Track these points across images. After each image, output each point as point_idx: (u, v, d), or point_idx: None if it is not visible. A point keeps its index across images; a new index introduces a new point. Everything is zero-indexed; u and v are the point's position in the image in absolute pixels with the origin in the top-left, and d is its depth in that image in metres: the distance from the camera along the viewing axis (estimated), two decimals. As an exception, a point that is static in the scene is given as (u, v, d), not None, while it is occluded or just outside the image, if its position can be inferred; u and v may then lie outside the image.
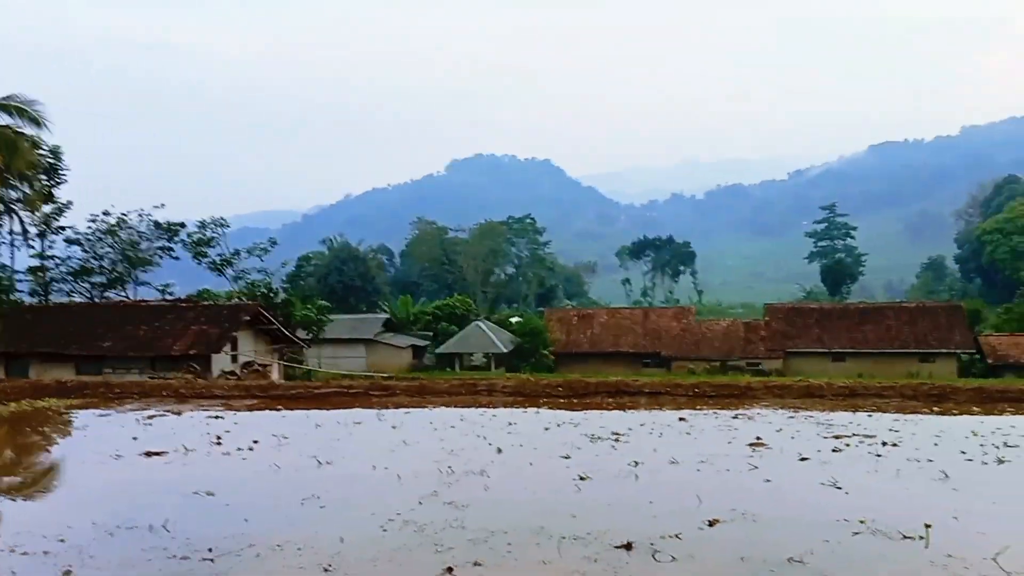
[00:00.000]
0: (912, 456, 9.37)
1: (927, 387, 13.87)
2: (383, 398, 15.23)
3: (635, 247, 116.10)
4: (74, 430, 13.03)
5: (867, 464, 9.12)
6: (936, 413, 12.77)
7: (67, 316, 39.20)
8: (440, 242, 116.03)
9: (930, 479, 8.29)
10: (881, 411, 12.92)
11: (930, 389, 13.77)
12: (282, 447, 10.68)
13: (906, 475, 8.48)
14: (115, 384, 17.01)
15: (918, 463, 9.01)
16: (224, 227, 51.63)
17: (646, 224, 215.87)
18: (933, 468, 8.65)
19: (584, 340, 58.96)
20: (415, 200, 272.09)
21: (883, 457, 9.41)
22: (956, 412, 12.86)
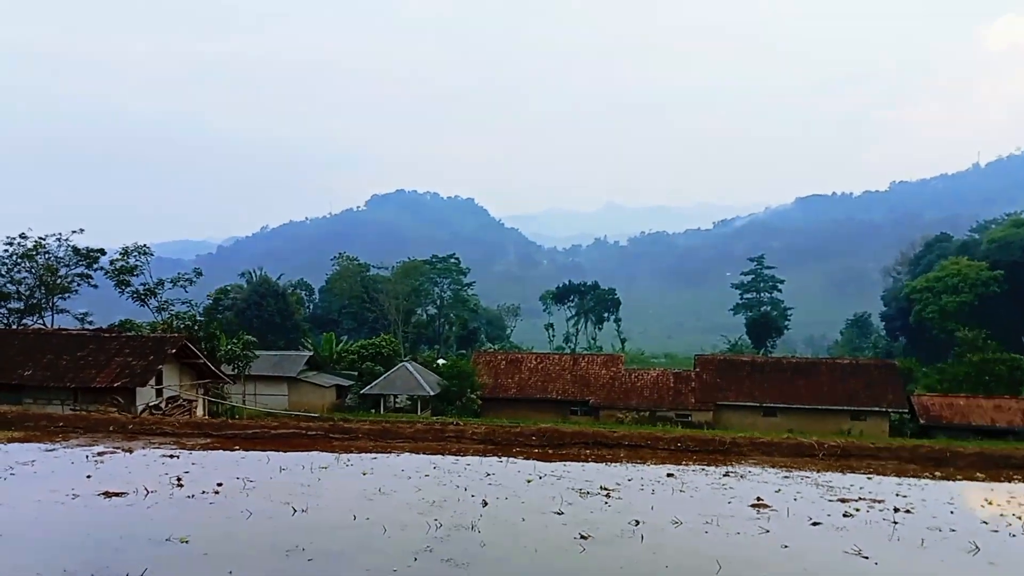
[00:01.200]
0: (931, 524, 9.23)
1: (924, 449, 13.93)
2: (344, 441, 14.49)
3: (559, 291, 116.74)
4: (20, 466, 12.03)
5: (884, 531, 8.97)
6: (939, 478, 12.56)
7: (-19, 343, 37.02)
8: (361, 279, 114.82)
9: (960, 550, 8.23)
10: (879, 474, 12.63)
11: (928, 452, 13.85)
12: (249, 491, 10.03)
13: (932, 545, 8.39)
14: (58, 417, 15.86)
15: (940, 532, 8.89)
16: (148, 255, 49.93)
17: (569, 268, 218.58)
18: (959, 539, 8.54)
19: (512, 385, 58.66)
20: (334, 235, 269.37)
21: (901, 524, 9.20)
22: (960, 477, 12.66)
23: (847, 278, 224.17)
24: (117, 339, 37.99)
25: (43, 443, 13.71)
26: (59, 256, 49.69)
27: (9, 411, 16.58)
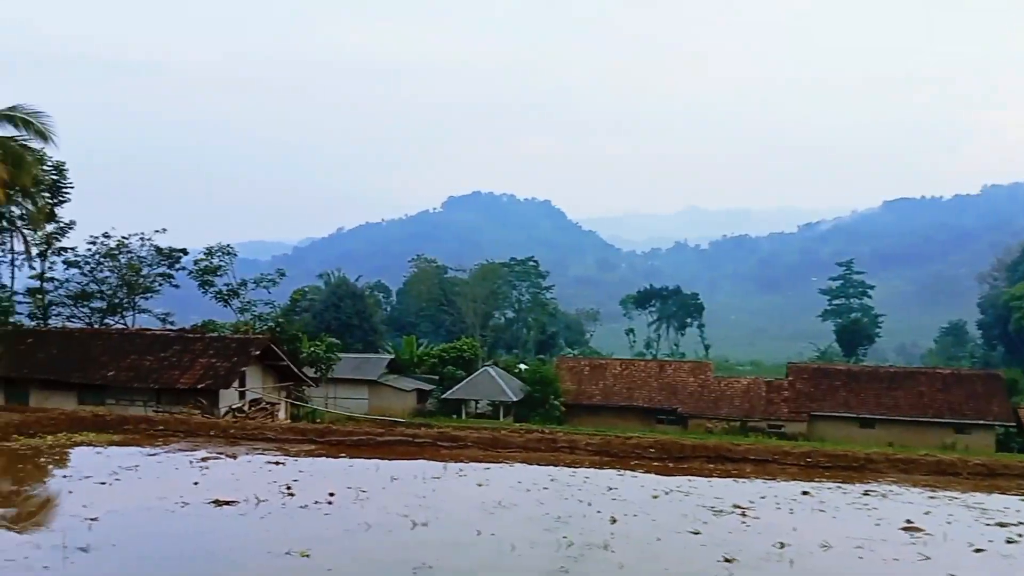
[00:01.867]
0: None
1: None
2: (453, 450, 13.89)
3: (640, 296, 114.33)
4: (124, 471, 11.36)
5: (1060, 561, 7.97)
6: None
7: (68, 342, 37.07)
8: (439, 282, 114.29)
9: None
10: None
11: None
12: (363, 502, 9.99)
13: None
14: (157, 420, 15.25)
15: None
16: (231, 255, 49.62)
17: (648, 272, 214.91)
18: None
19: (596, 391, 56.86)
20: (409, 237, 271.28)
21: (1079, 556, 8.24)
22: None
23: (938, 285, 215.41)
24: (201, 340, 37.49)
25: (144, 447, 13.63)
26: (141, 256, 49.78)
27: (108, 413, 16.17)
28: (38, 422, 14.16)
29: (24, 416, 14.64)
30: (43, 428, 13.92)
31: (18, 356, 35.27)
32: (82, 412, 15.98)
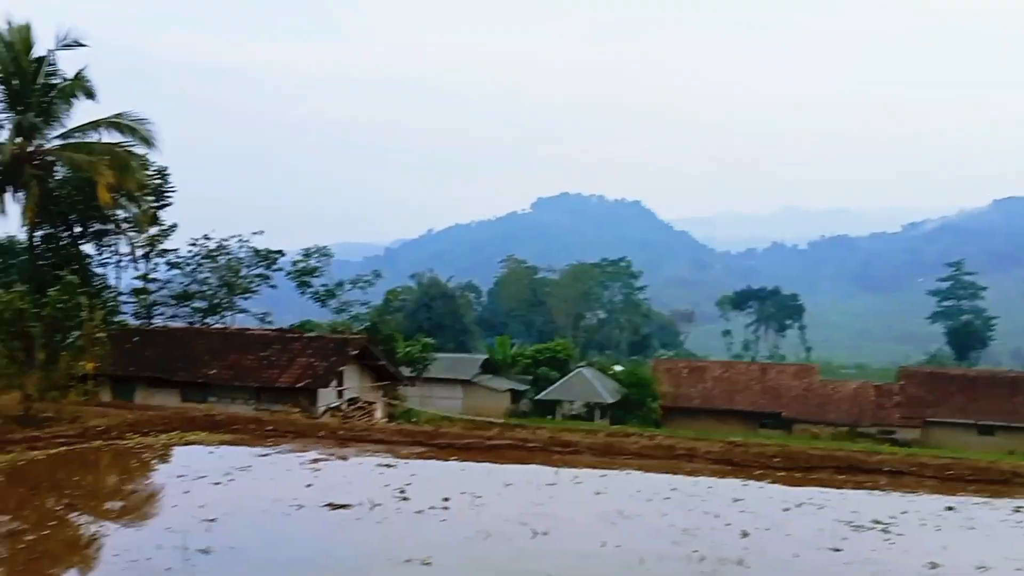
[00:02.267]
0: None
1: None
2: (565, 455, 13.18)
3: (737, 297, 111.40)
4: (236, 471, 11.03)
5: None
6: None
7: (172, 341, 37.80)
8: (529, 282, 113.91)
9: None
10: None
11: None
12: (479, 508, 9.55)
13: None
14: (267, 421, 14.98)
15: None
16: (328, 256, 50.03)
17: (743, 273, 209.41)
18: None
19: (695, 394, 55.26)
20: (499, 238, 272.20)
21: None
22: None
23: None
24: (300, 340, 37.73)
25: (254, 447, 13.24)
26: (240, 257, 50.74)
27: (219, 413, 16.07)
28: (151, 421, 14.01)
29: (138, 415, 14.52)
30: (156, 427, 13.76)
31: (125, 354, 36.09)
32: (193, 411, 15.87)
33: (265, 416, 15.34)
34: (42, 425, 13.60)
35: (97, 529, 8.45)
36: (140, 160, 36.47)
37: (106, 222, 38.92)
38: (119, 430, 13.31)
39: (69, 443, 12.54)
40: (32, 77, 33.52)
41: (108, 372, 33.78)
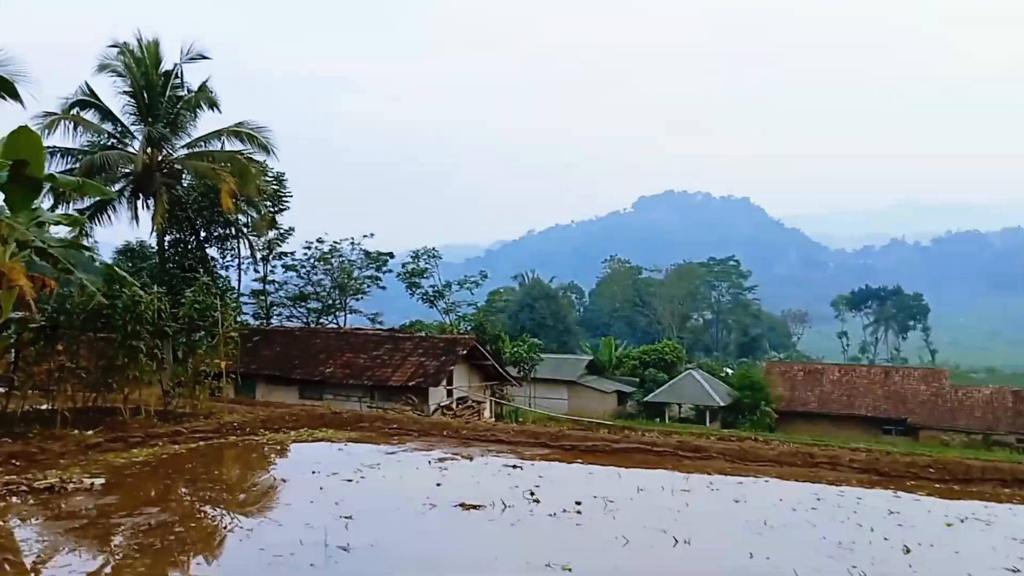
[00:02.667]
0: None
1: None
2: (697, 461, 12.76)
3: (854, 297, 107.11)
4: (367, 468, 11.18)
5: None
6: None
7: (289, 340, 38.99)
8: (633, 282, 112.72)
9: None
10: None
11: None
12: (613, 513, 9.27)
13: None
14: (391, 419, 15.21)
15: None
16: (436, 258, 50.69)
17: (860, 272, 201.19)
18: None
19: (812, 398, 53.46)
20: (600, 238, 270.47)
21: None
22: None
23: None
24: (411, 339, 38.41)
25: (380, 444, 13.44)
26: (351, 259, 51.97)
27: (344, 411, 16.50)
28: (281, 418, 14.42)
29: (269, 412, 14.97)
30: (286, 423, 14.14)
31: (246, 353, 37.42)
32: (320, 408, 16.27)
33: (389, 414, 15.56)
34: (181, 420, 14.18)
35: (239, 523, 8.64)
36: (259, 167, 37.77)
37: (228, 227, 40.46)
38: (252, 426, 13.74)
39: (207, 438, 13.01)
40: (160, 90, 35.17)
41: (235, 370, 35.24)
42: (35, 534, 8.37)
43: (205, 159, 35.23)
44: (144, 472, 11.18)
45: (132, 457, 11.81)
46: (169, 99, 35.37)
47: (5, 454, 11.23)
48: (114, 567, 7.39)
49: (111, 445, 12.09)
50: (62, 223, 15.19)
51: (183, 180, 37.41)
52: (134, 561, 7.47)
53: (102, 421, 13.92)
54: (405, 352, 36.89)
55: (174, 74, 35.72)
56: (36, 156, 12.76)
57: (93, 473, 10.55)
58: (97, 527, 8.47)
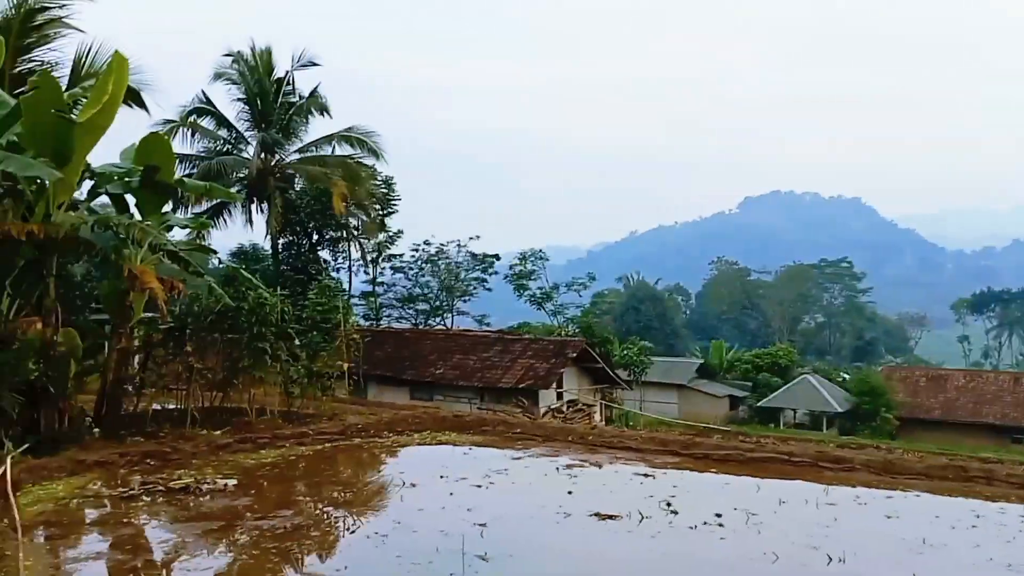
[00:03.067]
0: None
1: None
2: (839, 472, 11.83)
3: (976, 299, 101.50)
4: (495, 474, 10.87)
5: None
6: None
7: (400, 341, 39.33)
8: (741, 284, 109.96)
9: None
10: None
11: None
12: (757, 527, 8.70)
13: None
14: (514, 423, 14.90)
15: None
16: (544, 260, 50.35)
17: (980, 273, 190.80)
18: None
19: (935, 405, 50.61)
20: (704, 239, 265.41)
21: None
22: None
23: None
24: (520, 341, 38.16)
25: (504, 449, 13.06)
26: (458, 261, 52.18)
27: (467, 414, 16.19)
28: (404, 420, 14.28)
29: (392, 414, 14.87)
30: (409, 426, 13.99)
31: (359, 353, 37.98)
32: (442, 411, 16.07)
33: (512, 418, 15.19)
34: (304, 421, 14.21)
35: (373, 528, 8.43)
36: (369, 171, 38.28)
37: (340, 230, 41.15)
38: (375, 428, 13.62)
39: (332, 440, 12.95)
40: (273, 97, 36.00)
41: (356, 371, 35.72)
42: (173, 535, 8.36)
43: (316, 164, 35.85)
44: (274, 474, 11.18)
45: (261, 458, 11.85)
46: (281, 105, 36.18)
47: (140, 453, 11.42)
48: (254, 572, 7.27)
49: (240, 446, 12.17)
50: (190, 227, 15.54)
51: (295, 184, 38.19)
52: (273, 565, 7.37)
53: (229, 421, 14.10)
54: (514, 354, 36.65)
55: (286, 81, 36.50)
56: (166, 162, 13.00)
57: (225, 474, 10.60)
58: (233, 529, 8.42)
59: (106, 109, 11.71)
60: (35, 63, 15.10)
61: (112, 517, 9.02)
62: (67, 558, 7.70)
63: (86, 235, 12.46)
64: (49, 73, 10.62)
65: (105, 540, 8.43)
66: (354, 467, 12.20)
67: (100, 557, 7.80)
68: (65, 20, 15.03)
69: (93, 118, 11.60)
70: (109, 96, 11.62)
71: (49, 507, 9.31)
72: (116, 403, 13.78)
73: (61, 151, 11.41)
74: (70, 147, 11.55)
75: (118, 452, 11.36)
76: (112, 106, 11.83)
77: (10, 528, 7.91)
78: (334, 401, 17.16)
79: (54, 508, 9.29)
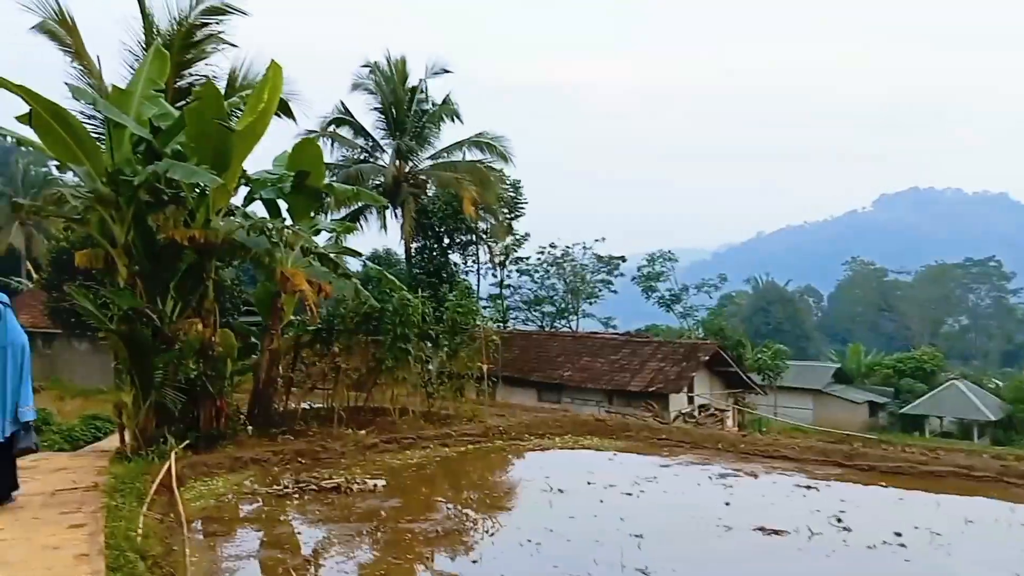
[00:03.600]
0: None
1: None
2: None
3: None
4: (644, 481, 10.58)
5: None
6: None
7: (527, 343, 39.46)
8: (878, 285, 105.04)
9: None
10: None
11: None
12: (943, 548, 8.00)
13: None
14: (658, 428, 14.55)
15: None
16: (673, 261, 49.44)
17: None
18: None
19: (1102, 415, 46.74)
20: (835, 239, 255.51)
21: None
22: None
23: None
24: (649, 344, 37.62)
25: (650, 455, 12.70)
26: (584, 263, 51.89)
27: (609, 419, 15.82)
28: (544, 423, 14.16)
29: (532, 417, 14.79)
30: (550, 429, 13.85)
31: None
32: (583, 416, 15.77)
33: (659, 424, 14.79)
34: (445, 422, 14.31)
35: (526, 536, 8.28)
36: (498, 175, 38.59)
37: (469, 233, 41.65)
38: (516, 431, 13.56)
39: (475, 442, 12.96)
40: (407, 105, 36.84)
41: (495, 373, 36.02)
42: (330, 535, 8.46)
43: (448, 169, 36.38)
44: (420, 475, 11.25)
45: (406, 459, 11.97)
46: (415, 113, 36.95)
47: (292, 452, 11.73)
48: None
49: (386, 446, 12.33)
50: (337, 230, 15.93)
51: (427, 190, 38.88)
52: (425, 569, 7.36)
53: (372, 421, 14.35)
54: (644, 357, 36.11)
55: (419, 89, 37.24)
56: (317, 167, 13.34)
57: (373, 474, 10.74)
58: (383, 531, 8.46)
59: (261, 117, 12.09)
60: (194, 77, 15.85)
61: (267, 514, 9.27)
62: (227, 555, 7.91)
63: (242, 239, 12.92)
64: (212, 83, 11.07)
65: (260, 537, 8.66)
66: (499, 470, 12.14)
67: (254, 555, 7.99)
68: (221, 35, 15.71)
69: (250, 126, 12.00)
70: (265, 104, 12.00)
71: (211, 503, 9.67)
72: (267, 402, 14.24)
73: (221, 158, 11.86)
74: (229, 154, 11.99)
75: (271, 450, 11.73)
76: (267, 114, 12.21)
77: (175, 523, 8.20)
78: (472, 403, 17.21)
79: (215, 504, 9.63)
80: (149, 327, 11.99)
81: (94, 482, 9.21)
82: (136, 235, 12.09)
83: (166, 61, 12.91)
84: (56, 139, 11.37)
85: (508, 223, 45.61)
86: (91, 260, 12.47)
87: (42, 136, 11.45)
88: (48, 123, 11.14)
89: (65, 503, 8.35)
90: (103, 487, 9.00)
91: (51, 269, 29.46)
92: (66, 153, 11.56)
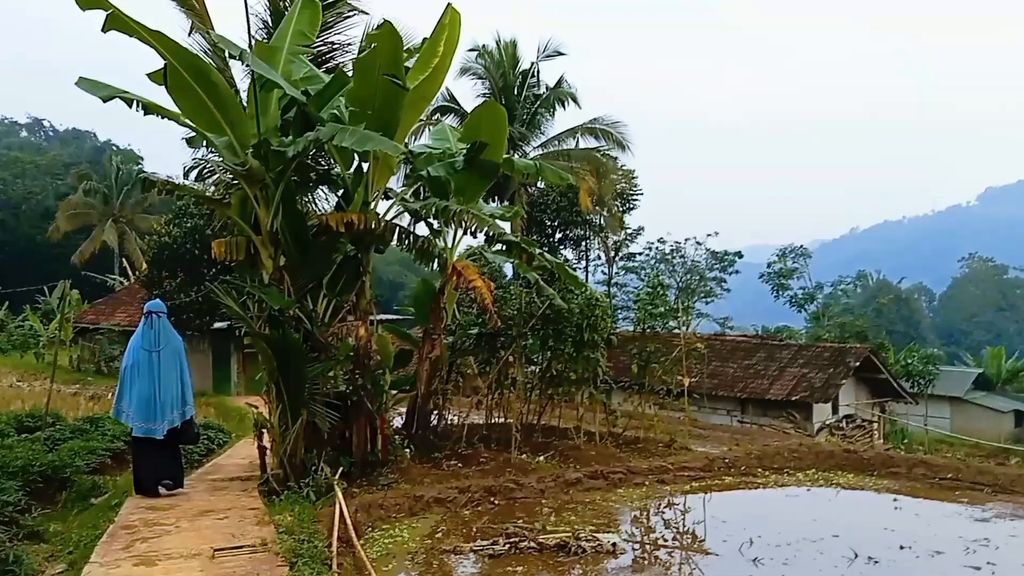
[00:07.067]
0: None
1: None
2: None
3: None
4: (981, 548, 7.71)
5: None
6: None
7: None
8: (996, 283, 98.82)
9: None
10: None
11: None
12: None
13: None
14: (937, 464, 11.23)
15: None
16: (807, 257, 45.86)
17: None
18: None
19: None
20: (936, 235, 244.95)
21: None
22: None
23: None
24: (787, 348, 34.36)
25: (943, 501, 9.51)
26: (696, 260, 48.75)
27: (856, 450, 12.57)
28: (778, 454, 11.35)
29: (760, 446, 12.01)
30: (787, 462, 11.01)
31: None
32: (824, 446, 12.76)
33: (936, 460, 11.71)
34: (641, 448, 11.76)
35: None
36: (614, 164, 36.12)
37: (583, 227, 39.16)
38: (746, 463, 10.84)
39: (698, 478, 10.28)
40: (518, 91, 34.62)
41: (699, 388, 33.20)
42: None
43: (561, 158, 34.00)
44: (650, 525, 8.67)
45: (622, 500, 9.40)
46: (526, 98, 34.74)
47: (483, 491, 9.30)
48: None
49: (592, 482, 9.79)
50: (506, 216, 13.41)
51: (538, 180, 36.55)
52: None
53: (549, 444, 11.91)
54: (782, 362, 32.94)
55: (530, 73, 35.05)
56: (498, 137, 10.85)
57: (599, 525, 8.23)
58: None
59: (434, 75, 9.80)
60: (323, 47, 13.72)
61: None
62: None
63: (404, 225, 10.64)
64: (390, 24, 8.68)
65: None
66: (760, 522, 8.88)
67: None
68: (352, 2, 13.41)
69: (420, 86, 9.70)
70: (439, 59, 9.67)
71: (405, 564, 7.34)
72: (426, 419, 11.99)
73: (386, 127, 9.50)
74: (395, 120, 9.66)
75: (455, 487, 9.34)
76: (440, 72, 9.92)
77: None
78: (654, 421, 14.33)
79: (411, 566, 7.31)
80: (299, 331, 9.80)
81: (260, 538, 6.96)
82: (284, 221, 9.89)
83: (318, 11, 10.61)
84: (196, 104, 9.21)
85: (620, 216, 43.00)
86: (230, 250, 10.32)
87: (178, 99, 9.30)
88: (186, 83, 8.99)
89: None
90: (273, 545, 6.77)
91: (151, 266, 28.09)
92: (207, 120, 9.40)
